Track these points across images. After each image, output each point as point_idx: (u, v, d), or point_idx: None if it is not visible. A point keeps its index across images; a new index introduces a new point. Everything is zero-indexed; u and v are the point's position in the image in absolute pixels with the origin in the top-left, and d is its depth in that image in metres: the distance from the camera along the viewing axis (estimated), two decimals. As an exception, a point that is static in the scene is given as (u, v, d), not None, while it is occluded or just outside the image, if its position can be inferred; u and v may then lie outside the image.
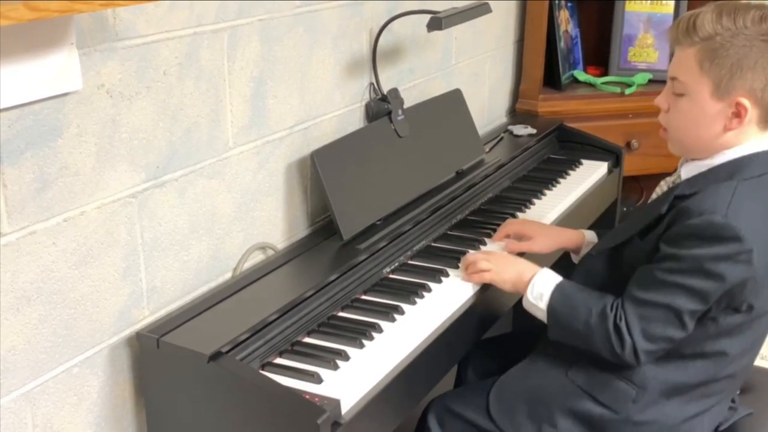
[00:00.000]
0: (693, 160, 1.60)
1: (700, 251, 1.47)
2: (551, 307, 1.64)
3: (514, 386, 1.72)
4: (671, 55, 1.61)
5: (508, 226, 1.98)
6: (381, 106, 2.11)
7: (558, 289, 1.65)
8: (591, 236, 1.93)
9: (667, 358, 1.58)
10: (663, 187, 1.69)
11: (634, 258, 1.60)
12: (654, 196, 1.71)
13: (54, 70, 1.30)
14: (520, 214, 2.19)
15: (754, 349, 1.63)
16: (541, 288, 1.66)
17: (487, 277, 1.77)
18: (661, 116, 1.62)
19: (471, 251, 1.91)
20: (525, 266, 1.73)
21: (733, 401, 1.74)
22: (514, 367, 1.75)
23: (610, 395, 1.62)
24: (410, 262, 1.92)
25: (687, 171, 1.60)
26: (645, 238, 1.58)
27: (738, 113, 1.51)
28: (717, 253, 1.46)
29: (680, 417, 1.61)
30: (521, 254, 1.91)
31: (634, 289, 1.55)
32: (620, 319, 1.54)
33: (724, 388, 1.63)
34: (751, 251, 1.45)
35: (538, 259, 1.87)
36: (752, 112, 1.51)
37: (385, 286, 1.80)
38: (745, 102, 1.50)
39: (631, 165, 2.82)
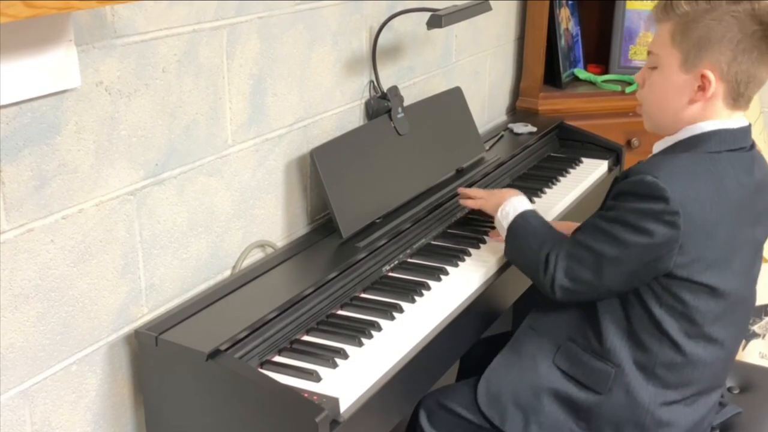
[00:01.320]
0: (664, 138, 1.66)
1: (629, 204, 1.54)
2: (510, 227, 1.79)
3: (500, 377, 1.74)
4: None
5: None
6: (381, 104, 2.11)
7: (522, 213, 1.79)
8: None
9: (628, 333, 1.62)
10: None
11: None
12: None
13: (52, 68, 1.29)
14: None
15: (716, 344, 1.62)
16: (509, 209, 1.81)
17: (479, 203, 1.95)
18: (638, 92, 1.70)
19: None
20: (510, 192, 1.89)
21: (722, 397, 1.75)
22: (497, 358, 1.78)
23: (592, 377, 1.65)
24: (410, 260, 1.91)
25: (656, 147, 1.67)
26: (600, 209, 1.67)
27: (703, 86, 1.55)
28: (643, 207, 1.51)
29: (658, 400, 1.62)
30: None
31: (577, 232, 1.66)
32: (555, 253, 1.64)
33: (695, 377, 1.63)
34: (676, 213, 1.48)
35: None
36: (717, 87, 1.55)
37: (384, 285, 1.80)
38: (710, 75, 1.54)
39: (632, 163, 2.80)
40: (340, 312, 1.70)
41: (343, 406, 1.41)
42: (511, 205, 1.81)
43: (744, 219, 1.58)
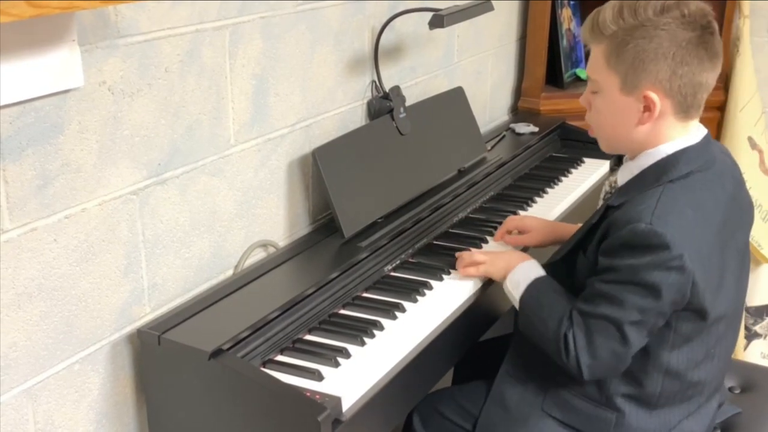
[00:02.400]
0: (627, 161, 1.59)
1: (632, 261, 1.44)
2: (523, 299, 1.64)
3: (494, 427, 1.68)
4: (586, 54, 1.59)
5: (509, 222, 1.98)
6: (383, 104, 2.11)
7: (534, 283, 1.64)
8: None
9: (624, 375, 1.55)
10: (606, 187, 1.68)
11: (581, 271, 1.59)
12: (600, 195, 1.70)
13: (55, 67, 1.30)
14: (521, 212, 2.18)
15: (714, 360, 1.59)
16: (519, 277, 1.66)
17: (482, 269, 1.77)
18: (587, 116, 1.61)
19: (473, 249, 1.91)
20: (516, 256, 1.74)
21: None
22: (484, 411, 1.70)
23: (591, 425, 1.60)
24: (411, 259, 1.91)
25: (622, 176, 1.59)
26: (586, 251, 1.57)
27: (648, 107, 1.49)
28: (647, 262, 1.42)
29: (665, 427, 1.59)
30: (524, 250, 1.92)
31: (580, 302, 1.53)
32: (569, 328, 1.52)
33: (697, 394, 1.61)
34: (681, 256, 1.41)
35: (536, 253, 1.87)
36: (664, 104, 1.48)
37: (386, 284, 1.80)
38: (653, 96, 1.47)
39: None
40: (342, 311, 1.70)
41: (346, 405, 1.41)
42: (522, 272, 1.67)
43: (727, 236, 1.53)
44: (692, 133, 1.54)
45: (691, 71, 1.46)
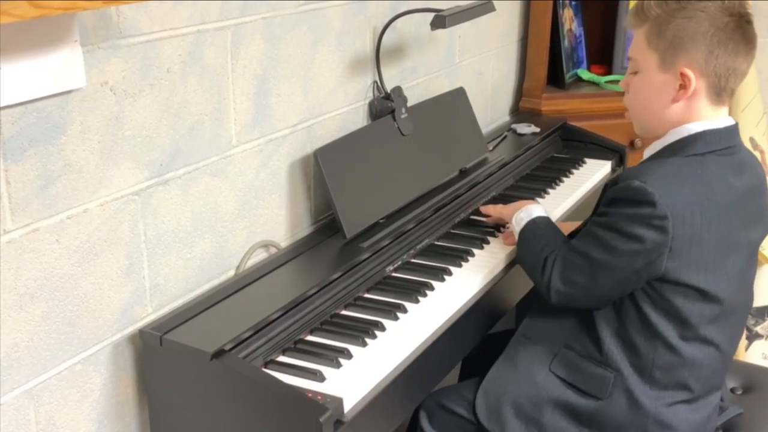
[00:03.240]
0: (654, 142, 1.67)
1: (618, 210, 1.55)
2: (522, 232, 1.80)
3: (497, 389, 1.73)
4: None
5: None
6: (384, 105, 2.11)
7: (534, 219, 1.80)
8: None
9: (620, 337, 1.62)
10: None
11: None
12: None
13: (57, 68, 1.30)
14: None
15: (711, 345, 1.61)
16: (524, 215, 1.83)
17: (498, 208, 2.00)
18: (624, 97, 1.72)
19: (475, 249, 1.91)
20: (527, 202, 1.92)
21: (722, 400, 1.74)
22: (494, 367, 1.77)
23: (592, 383, 1.65)
24: (413, 260, 1.91)
25: (648, 152, 1.68)
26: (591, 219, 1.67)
27: (684, 84, 1.57)
28: (632, 213, 1.52)
29: (659, 402, 1.62)
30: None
31: (573, 238, 1.67)
32: (552, 257, 1.66)
33: (692, 378, 1.62)
34: (665, 218, 1.49)
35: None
36: (698, 83, 1.57)
37: (388, 285, 1.80)
38: (689, 72, 1.56)
39: (635, 164, 2.81)
40: (344, 312, 1.70)
41: (347, 406, 1.41)
42: (526, 211, 1.83)
43: (735, 222, 1.57)
44: (721, 120, 1.60)
45: (726, 53, 1.55)
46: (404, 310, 1.69)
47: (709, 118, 1.59)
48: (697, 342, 1.60)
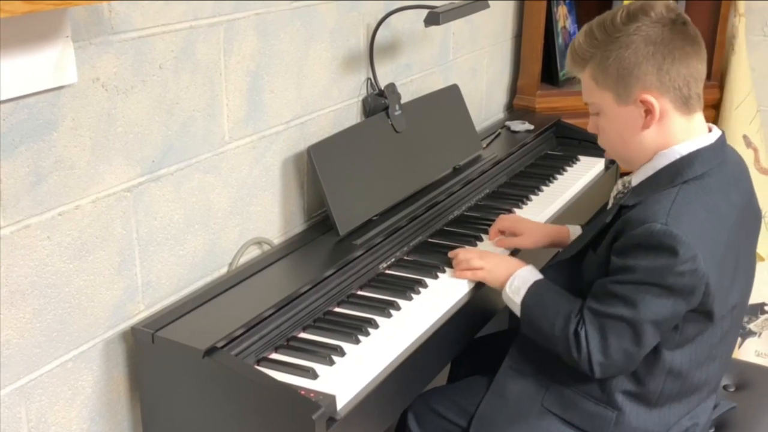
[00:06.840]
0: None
1: (647, 262, 1.44)
2: (524, 303, 1.64)
3: (490, 422, 1.68)
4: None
5: (501, 222, 1.98)
6: (378, 102, 2.10)
7: (534, 286, 1.64)
8: (576, 231, 1.93)
9: (629, 374, 1.56)
10: (618, 186, 1.69)
11: (590, 270, 1.59)
12: (611, 194, 1.71)
13: (49, 64, 1.29)
14: (516, 210, 2.19)
15: (716, 360, 1.59)
16: (519, 283, 1.67)
17: (479, 275, 1.76)
18: (598, 140, 1.65)
19: (467, 246, 1.91)
20: (514, 263, 1.73)
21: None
22: (483, 402, 1.70)
23: (591, 422, 1.60)
24: (406, 257, 1.91)
25: (636, 177, 1.60)
26: (597, 249, 1.58)
27: (648, 110, 1.51)
28: (661, 264, 1.43)
29: (665, 424, 1.59)
30: (515, 251, 1.92)
31: (592, 301, 1.53)
32: (581, 326, 1.52)
33: (698, 392, 1.61)
34: (695, 258, 1.42)
35: (530, 255, 1.87)
36: (662, 103, 1.50)
37: (381, 282, 1.80)
38: (649, 98, 1.50)
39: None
40: (337, 309, 1.70)
41: (340, 404, 1.41)
42: (521, 278, 1.67)
43: (741, 236, 1.54)
44: (701, 130, 1.55)
45: (676, 63, 1.49)
46: (397, 308, 1.69)
47: (689, 131, 1.53)
48: (706, 362, 1.57)
